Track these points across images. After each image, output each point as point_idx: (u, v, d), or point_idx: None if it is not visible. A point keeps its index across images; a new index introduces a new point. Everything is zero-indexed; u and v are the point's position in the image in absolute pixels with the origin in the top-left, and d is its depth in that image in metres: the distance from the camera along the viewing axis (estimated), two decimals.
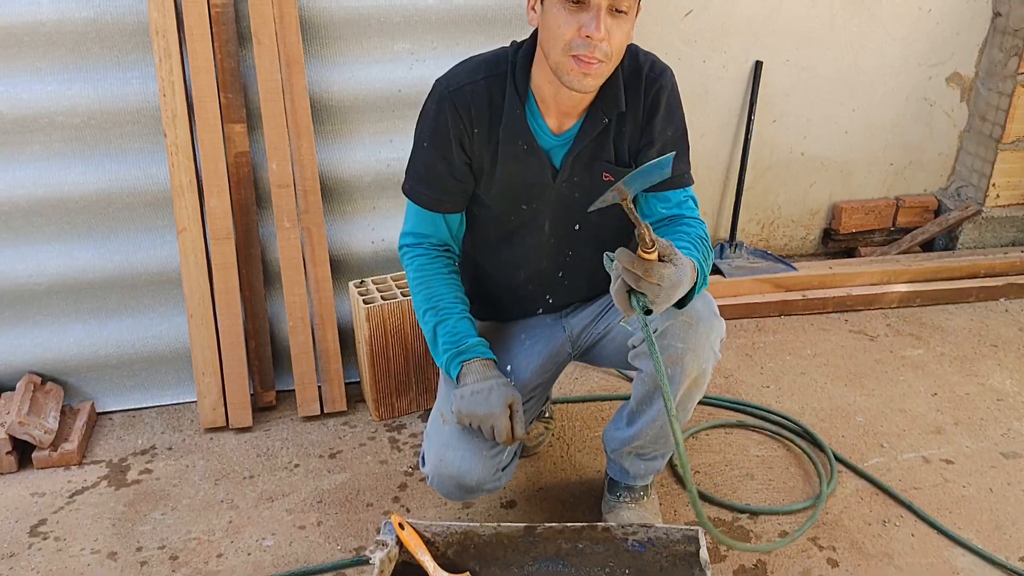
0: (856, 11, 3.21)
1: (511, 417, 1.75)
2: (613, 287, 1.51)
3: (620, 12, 1.60)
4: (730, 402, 2.62)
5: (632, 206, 1.44)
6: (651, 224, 1.77)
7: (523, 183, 1.85)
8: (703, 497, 2.22)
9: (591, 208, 1.47)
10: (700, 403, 2.58)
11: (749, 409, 2.59)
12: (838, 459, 2.38)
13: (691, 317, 1.72)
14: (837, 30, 3.23)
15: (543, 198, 1.86)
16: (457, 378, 1.81)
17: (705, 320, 1.74)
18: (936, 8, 3.28)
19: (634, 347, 1.84)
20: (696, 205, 1.87)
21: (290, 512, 2.18)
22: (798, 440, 2.45)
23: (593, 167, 1.83)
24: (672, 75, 1.80)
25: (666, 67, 1.80)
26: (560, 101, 1.75)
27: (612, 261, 1.51)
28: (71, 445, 2.34)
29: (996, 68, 3.35)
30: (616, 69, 1.74)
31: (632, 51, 1.79)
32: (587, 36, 1.58)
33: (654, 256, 1.47)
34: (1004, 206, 3.49)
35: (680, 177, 1.83)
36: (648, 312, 1.50)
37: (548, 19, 1.63)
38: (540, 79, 1.75)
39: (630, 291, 1.49)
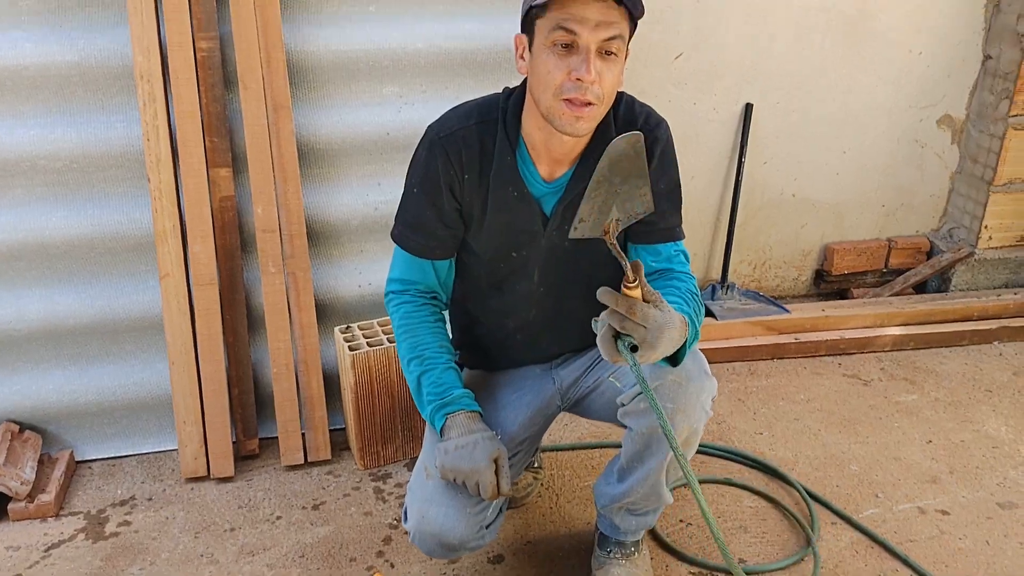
0: (846, 54, 3.21)
1: (496, 472, 1.71)
2: (599, 336, 1.47)
3: (610, 54, 1.58)
4: (721, 450, 2.58)
5: (615, 241, 1.41)
6: None
7: (513, 230, 1.82)
8: (690, 560, 2.17)
9: (571, 235, 1.44)
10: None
11: (738, 458, 2.55)
12: (834, 511, 2.33)
13: (681, 377, 1.69)
14: (827, 73, 3.22)
15: (533, 246, 1.83)
16: (441, 431, 1.77)
17: (695, 380, 1.71)
18: (927, 51, 3.29)
19: (622, 405, 1.80)
20: (687, 260, 1.84)
21: (271, 567, 2.12)
22: (786, 496, 2.42)
23: None
24: (667, 128, 1.78)
25: (662, 120, 1.78)
26: (551, 148, 1.73)
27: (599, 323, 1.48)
28: (48, 496, 2.28)
29: (987, 111, 3.35)
30: (609, 118, 1.72)
31: (628, 102, 1.77)
32: (578, 79, 1.56)
33: (637, 293, 1.43)
34: (996, 248, 3.47)
35: (671, 231, 1.80)
36: (634, 349, 1.44)
37: (537, 65, 1.61)
38: (531, 126, 1.73)
39: (616, 335, 1.45)
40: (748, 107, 3.19)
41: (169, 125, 2.32)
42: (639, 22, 1.62)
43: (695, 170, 3.25)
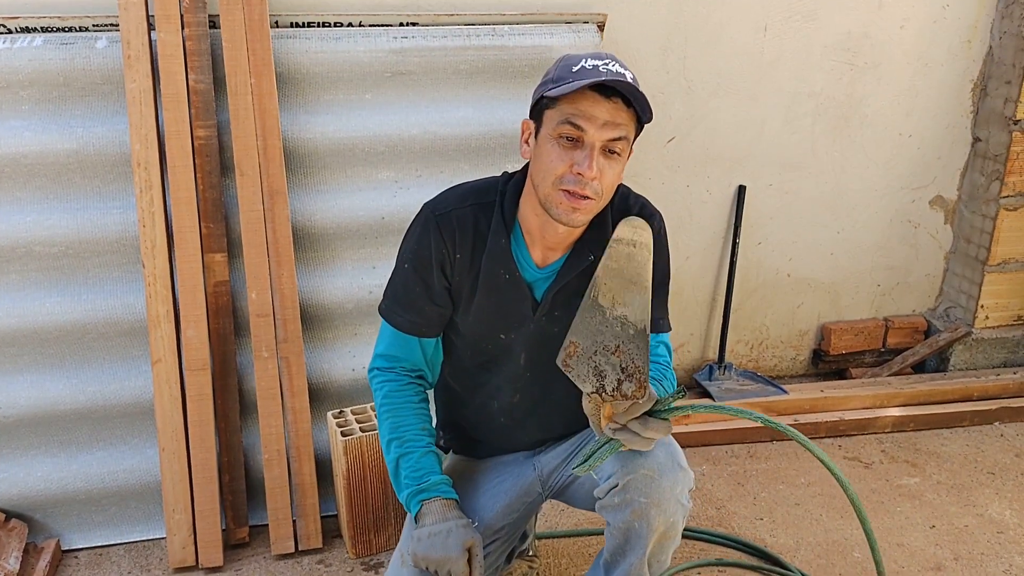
0: (836, 138, 3.25)
1: (470, 561, 1.69)
2: (639, 438, 1.47)
3: (613, 153, 1.61)
4: (721, 537, 2.53)
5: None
6: None
7: (502, 313, 1.82)
8: None
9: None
10: (691, 538, 2.51)
11: (737, 545, 2.50)
12: None
13: (653, 470, 1.67)
14: (819, 156, 3.26)
15: (521, 329, 1.83)
16: (416, 517, 1.75)
17: (669, 473, 1.69)
18: (916, 134, 3.33)
19: (599, 498, 1.77)
20: (669, 352, 1.84)
21: None
22: None
23: (573, 303, 1.80)
24: (661, 220, 1.80)
25: (656, 212, 1.80)
26: (546, 235, 1.74)
27: (593, 455, 1.53)
28: None
29: (978, 192, 3.38)
30: (605, 207, 1.74)
31: (623, 192, 1.80)
32: (579, 173, 1.59)
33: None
34: (993, 327, 3.47)
35: (655, 323, 1.80)
36: (682, 394, 1.49)
37: (541, 153, 1.64)
38: (527, 211, 1.75)
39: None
40: (741, 189, 3.22)
41: (165, 211, 2.34)
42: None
43: (690, 251, 3.27)
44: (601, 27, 2.74)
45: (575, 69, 1.59)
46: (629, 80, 1.58)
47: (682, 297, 3.31)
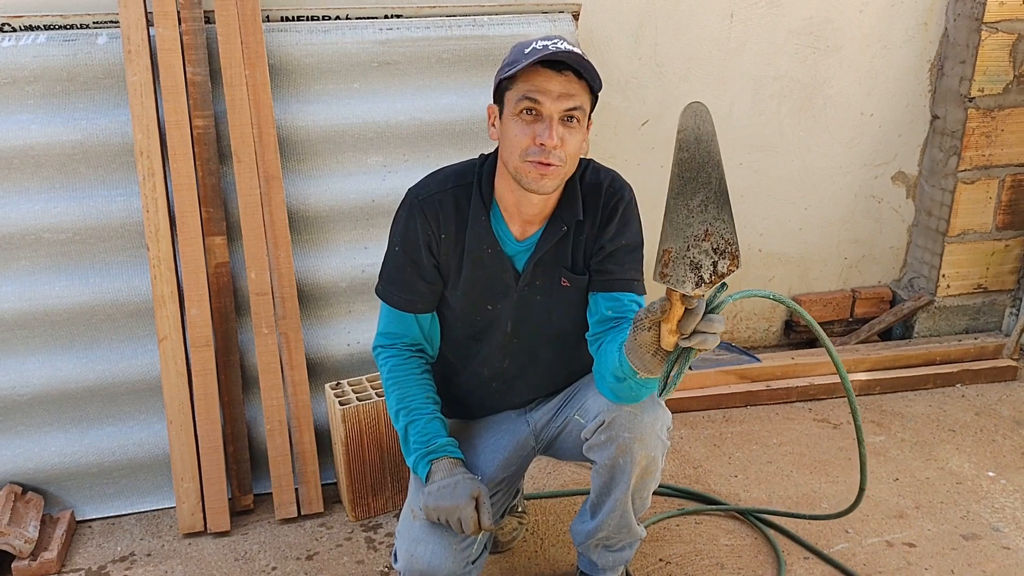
0: (801, 118, 3.42)
1: (477, 508, 1.82)
2: (710, 335, 1.49)
3: (572, 120, 1.75)
4: (693, 494, 2.70)
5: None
6: (594, 322, 1.90)
7: (487, 285, 1.96)
8: None
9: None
10: (667, 494, 2.66)
11: (711, 502, 2.67)
12: (806, 546, 2.45)
13: (636, 408, 1.83)
14: (785, 136, 3.43)
15: (505, 300, 1.97)
16: (426, 477, 1.89)
17: (650, 410, 1.85)
18: (878, 113, 3.50)
19: (586, 439, 1.92)
20: None
21: None
22: (759, 533, 2.53)
23: (553, 272, 1.95)
24: (631, 191, 1.93)
25: (626, 184, 1.94)
26: (522, 208, 1.88)
27: (672, 375, 1.53)
28: (51, 554, 2.36)
29: (937, 167, 3.56)
30: (575, 181, 1.88)
31: (594, 168, 1.94)
32: (541, 144, 1.73)
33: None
34: (955, 295, 3.64)
35: (630, 283, 1.93)
36: (725, 286, 1.51)
37: (506, 131, 1.79)
38: (503, 188, 1.89)
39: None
40: None
41: (167, 197, 2.47)
42: (603, 94, 1.79)
43: None
44: (576, 16, 2.88)
45: (527, 51, 1.74)
46: (578, 53, 1.72)
47: None
